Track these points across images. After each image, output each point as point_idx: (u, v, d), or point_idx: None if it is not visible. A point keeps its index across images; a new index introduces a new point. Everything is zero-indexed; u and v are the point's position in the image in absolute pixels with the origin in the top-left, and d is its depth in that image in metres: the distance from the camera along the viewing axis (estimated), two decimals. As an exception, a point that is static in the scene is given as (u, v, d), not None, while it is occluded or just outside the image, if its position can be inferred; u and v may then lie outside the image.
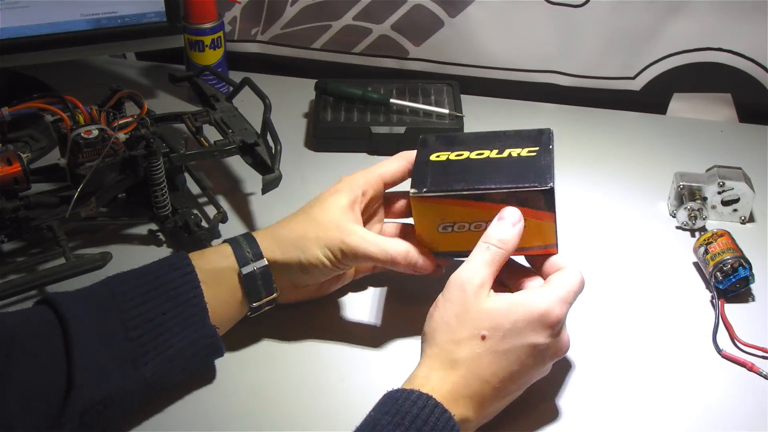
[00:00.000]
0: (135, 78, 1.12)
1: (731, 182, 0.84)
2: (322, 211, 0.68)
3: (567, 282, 0.62)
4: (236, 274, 0.66)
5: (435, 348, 0.60)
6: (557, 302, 0.60)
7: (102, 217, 0.82)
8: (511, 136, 0.70)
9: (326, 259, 0.66)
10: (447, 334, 0.60)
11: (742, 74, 1.02)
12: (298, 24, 1.10)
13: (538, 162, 0.66)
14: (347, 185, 0.70)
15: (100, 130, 0.77)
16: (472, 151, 0.68)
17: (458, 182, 0.65)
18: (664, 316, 0.74)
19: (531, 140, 0.68)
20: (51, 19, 0.92)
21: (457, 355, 0.59)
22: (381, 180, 0.71)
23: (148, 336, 0.61)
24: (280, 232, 0.69)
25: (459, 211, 0.65)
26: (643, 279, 0.79)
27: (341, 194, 0.69)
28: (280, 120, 0.85)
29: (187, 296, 0.64)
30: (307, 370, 0.69)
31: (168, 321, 0.62)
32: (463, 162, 0.67)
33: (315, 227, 0.67)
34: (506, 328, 0.59)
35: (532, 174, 0.64)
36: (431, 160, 0.68)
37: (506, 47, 1.06)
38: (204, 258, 0.67)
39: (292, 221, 0.69)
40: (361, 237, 0.66)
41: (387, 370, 0.69)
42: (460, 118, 0.97)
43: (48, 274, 0.71)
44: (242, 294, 0.67)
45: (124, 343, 0.60)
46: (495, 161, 0.67)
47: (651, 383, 0.67)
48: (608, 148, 0.99)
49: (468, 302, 0.60)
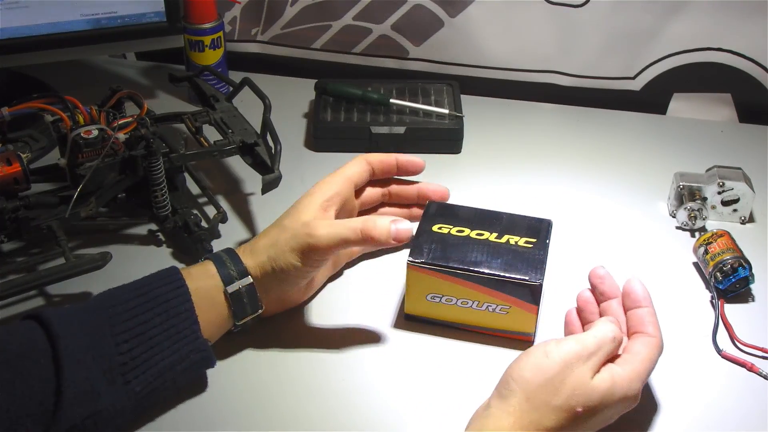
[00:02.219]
0: (135, 78, 1.12)
1: (731, 182, 0.84)
2: (293, 217, 0.69)
3: (651, 358, 0.62)
4: (222, 293, 0.66)
5: (528, 403, 0.57)
6: (639, 382, 0.60)
7: (102, 217, 0.82)
8: (512, 220, 0.74)
9: (297, 260, 0.67)
10: (545, 394, 0.57)
11: (742, 74, 1.02)
12: (298, 24, 1.10)
13: (532, 255, 0.70)
14: (319, 188, 0.72)
15: (100, 130, 0.77)
16: (473, 229, 0.72)
17: (454, 260, 0.69)
18: (664, 317, 0.74)
19: (530, 230, 0.73)
20: (51, 19, 0.92)
21: (548, 423, 0.57)
22: (350, 182, 0.75)
23: (139, 350, 0.61)
24: (256, 245, 0.69)
25: (449, 286, 0.70)
26: (643, 279, 0.78)
27: (313, 197, 0.71)
28: (280, 120, 0.85)
29: (177, 309, 0.63)
30: (306, 371, 0.69)
31: (159, 335, 0.62)
32: (462, 239, 0.71)
33: (284, 232, 0.68)
34: (600, 410, 0.58)
35: (525, 266, 0.69)
36: (433, 231, 0.72)
37: (506, 47, 1.06)
38: (189, 277, 0.66)
39: (267, 232, 0.70)
40: (325, 225, 0.67)
41: (387, 369, 0.69)
42: (460, 118, 0.97)
43: (48, 274, 0.71)
44: (228, 312, 0.67)
45: (115, 357, 0.60)
46: (492, 245, 0.71)
47: (651, 383, 0.67)
48: (608, 148, 0.99)
49: (576, 371, 0.58)
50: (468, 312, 0.70)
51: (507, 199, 0.88)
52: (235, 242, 0.82)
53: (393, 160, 0.79)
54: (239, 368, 0.69)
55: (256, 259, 0.68)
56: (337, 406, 0.66)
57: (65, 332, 0.59)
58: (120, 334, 0.61)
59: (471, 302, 0.70)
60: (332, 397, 0.66)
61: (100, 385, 0.58)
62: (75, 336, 0.59)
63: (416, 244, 0.71)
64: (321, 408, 0.66)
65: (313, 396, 0.67)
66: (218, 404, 0.66)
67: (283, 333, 0.71)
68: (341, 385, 0.67)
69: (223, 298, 0.67)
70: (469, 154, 0.97)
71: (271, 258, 0.67)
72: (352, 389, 0.67)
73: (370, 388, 0.67)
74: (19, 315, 0.73)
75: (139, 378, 0.60)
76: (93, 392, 0.58)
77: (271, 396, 0.67)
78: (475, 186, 0.91)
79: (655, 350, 0.62)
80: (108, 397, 0.59)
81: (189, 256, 0.80)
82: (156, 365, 0.61)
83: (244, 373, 0.68)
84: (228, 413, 0.65)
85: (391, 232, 0.66)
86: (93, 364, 0.59)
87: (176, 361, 0.62)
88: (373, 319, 0.74)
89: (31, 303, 0.74)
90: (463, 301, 0.70)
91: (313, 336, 0.72)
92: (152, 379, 0.61)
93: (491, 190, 0.91)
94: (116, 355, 0.60)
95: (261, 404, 0.66)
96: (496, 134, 1.01)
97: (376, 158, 0.78)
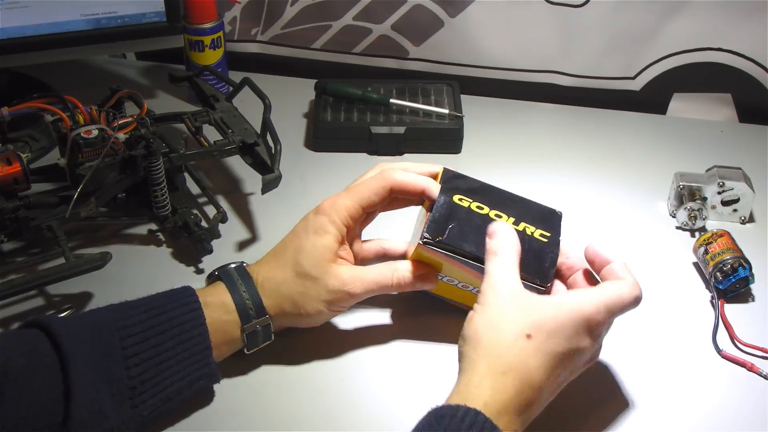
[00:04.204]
0: (135, 78, 1.12)
1: (731, 182, 0.84)
2: (314, 264, 0.66)
3: (618, 291, 0.60)
4: (238, 329, 0.66)
5: (481, 351, 0.57)
6: (603, 308, 0.59)
7: (102, 217, 0.82)
8: (528, 205, 0.70)
9: (326, 309, 0.67)
10: (493, 337, 0.57)
11: (742, 74, 1.02)
12: (298, 24, 1.10)
13: (546, 253, 0.67)
14: (331, 223, 0.68)
15: (99, 130, 0.77)
16: (492, 209, 0.68)
17: (469, 246, 0.66)
18: (663, 317, 0.74)
19: (545, 221, 0.69)
20: (51, 19, 0.92)
21: (507, 359, 0.56)
22: (362, 209, 0.69)
23: (149, 374, 0.60)
24: (279, 289, 0.67)
25: (457, 271, 0.67)
26: (643, 279, 0.78)
27: (328, 236, 0.67)
28: (280, 120, 0.85)
29: (191, 333, 0.63)
30: (306, 371, 0.69)
31: (170, 359, 0.61)
32: (482, 218, 0.67)
33: (314, 284, 0.66)
34: (550, 328, 0.57)
35: (537, 266, 0.65)
36: (455, 203, 0.68)
37: (506, 47, 1.06)
38: (206, 306, 0.65)
39: (287, 274, 0.67)
40: (360, 281, 0.67)
41: (387, 370, 0.69)
42: (460, 118, 0.97)
43: (48, 274, 0.71)
44: (240, 344, 0.67)
45: (124, 381, 0.59)
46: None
47: (651, 383, 0.67)
48: (608, 148, 0.99)
49: (510, 303, 0.59)
50: (466, 294, 0.70)
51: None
52: (235, 242, 0.82)
53: (420, 189, 0.69)
54: (238, 368, 0.68)
55: (283, 304, 0.67)
56: (337, 407, 0.66)
57: (75, 351, 0.57)
58: (131, 357, 0.60)
59: (473, 288, 0.69)
60: (332, 398, 0.66)
61: (108, 408, 0.57)
62: (85, 355, 0.58)
63: (435, 220, 0.66)
64: (321, 408, 0.66)
65: (312, 396, 0.67)
66: (218, 404, 0.66)
67: (283, 333, 0.71)
68: (341, 385, 0.67)
69: (238, 334, 0.66)
70: (469, 154, 0.97)
71: (298, 305, 0.67)
72: (352, 389, 0.67)
73: (370, 388, 0.67)
74: (18, 315, 0.73)
75: (147, 402, 0.60)
76: (101, 415, 0.57)
77: (270, 396, 0.67)
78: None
79: (626, 288, 0.60)
80: (115, 420, 0.58)
81: (189, 256, 0.80)
82: (165, 390, 0.61)
83: (244, 373, 0.68)
84: (228, 413, 0.65)
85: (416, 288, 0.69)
86: (102, 386, 0.58)
87: (185, 386, 0.62)
88: (373, 319, 0.74)
89: (31, 303, 0.74)
90: (464, 285, 0.69)
91: (313, 336, 0.71)
92: (160, 403, 0.61)
93: (491, 190, 0.91)
94: (126, 379, 0.59)
95: (261, 404, 0.66)
96: (496, 134, 1.01)
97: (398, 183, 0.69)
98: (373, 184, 0.69)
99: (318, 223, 0.68)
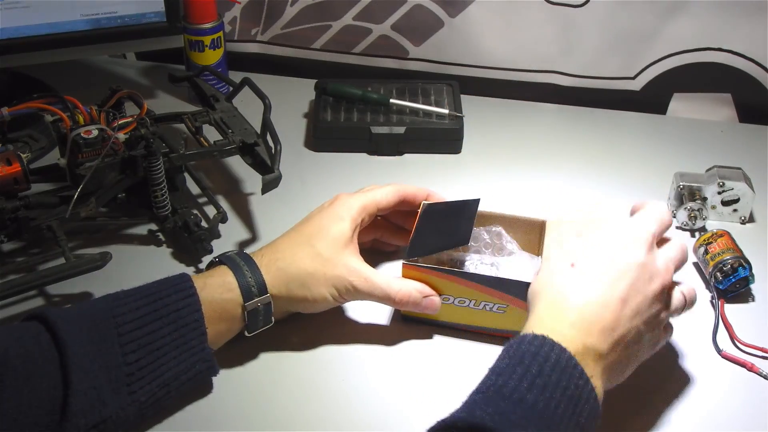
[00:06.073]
0: (135, 78, 1.12)
1: (731, 182, 0.84)
2: (328, 245, 0.68)
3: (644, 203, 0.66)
4: (239, 307, 0.66)
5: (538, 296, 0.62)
6: (639, 218, 0.64)
7: (102, 217, 0.82)
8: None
9: (331, 296, 0.68)
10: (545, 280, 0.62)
11: (742, 74, 1.02)
12: (298, 24, 1.10)
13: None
14: (348, 212, 0.70)
15: (99, 130, 0.77)
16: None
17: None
18: (664, 316, 0.74)
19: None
20: (51, 19, 0.92)
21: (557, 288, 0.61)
22: (377, 207, 0.73)
23: (146, 360, 0.60)
24: (287, 269, 0.68)
25: (447, 284, 0.69)
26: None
27: (344, 223, 0.69)
28: (280, 120, 0.85)
29: (187, 320, 0.63)
30: (306, 371, 0.69)
31: (166, 345, 0.62)
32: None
33: (323, 265, 0.67)
34: (591, 253, 0.61)
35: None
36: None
37: (506, 47, 1.06)
38: (206, 289, 0.65)
39: (297, 254, 0.68)
40: (367, 278, 0.68)
41: (387, 370, 0.69)
42: (460, 118, 0.97)
43: (48, 274, 0.71)
44: (240, 325, 0.67)
45: (121, 367, 0.59)
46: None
47: (651, 383, 0.67)
48: (608, 148, 0.99)
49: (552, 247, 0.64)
50: (465, 311, 0.70)
51: (507, 198, 0.88)
52: (235, 242, 0.82)
53: (424, 194, 0.75)
54: (239, 368, 0.69)
55: (288, 282, 0.67)
56: (337, 407, 0.66)
57: (72, 339, 0.58)
58: (127, 344, 0.60)
59: (468, 301, 0.70)
60: (332, 398, 0.66)
61: (106, 395, 0.58)
62: (82, 343, 0.58)
63: (412, 244, 0.70)
64: (320, 408, 0.65)
65: (312, 396, 0.66)
66: (218, 404, 0.66)
67: (283, 333, 0.71)
68: (341, 385, 0.67)
69: (239, 312, 0.66)
70: (469, 154, 0.97)
71: (305, 286, 0.67)
72: (352, 389, 0.67)
73: (369, 388, 0.67)
74: (19, 315, 0.73)
75: (144, 389, 0.60)
76: (99, 402, 0.58)
77: (270, 396, 0.67)
78: (475, 186, 0.91)
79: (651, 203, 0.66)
80: (113, 406, 0.58)
81: (189, 256, 0.80)
82: (161, 375, 0.61)
83: (244, 373, 0.68)
84: (227, 413, 0.65)
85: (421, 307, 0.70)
86: (100, 373, 0.58)
87: (181, 371, 0.62)
88: (373, 319, 0.74)
89: (31, 303, 0.74)
90: (461, 300, 0.70)
91: (312, 336, 0.71)
92: (157, 389, 0.61)
93: (491, 189, 0.91)
94: (123, 366, 0.59)
95: (260, 404, 0.66)
96: (496, 134, 1.01)
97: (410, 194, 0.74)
98: (386, 188, 0.74)
99: (335, 211, 0.70)
